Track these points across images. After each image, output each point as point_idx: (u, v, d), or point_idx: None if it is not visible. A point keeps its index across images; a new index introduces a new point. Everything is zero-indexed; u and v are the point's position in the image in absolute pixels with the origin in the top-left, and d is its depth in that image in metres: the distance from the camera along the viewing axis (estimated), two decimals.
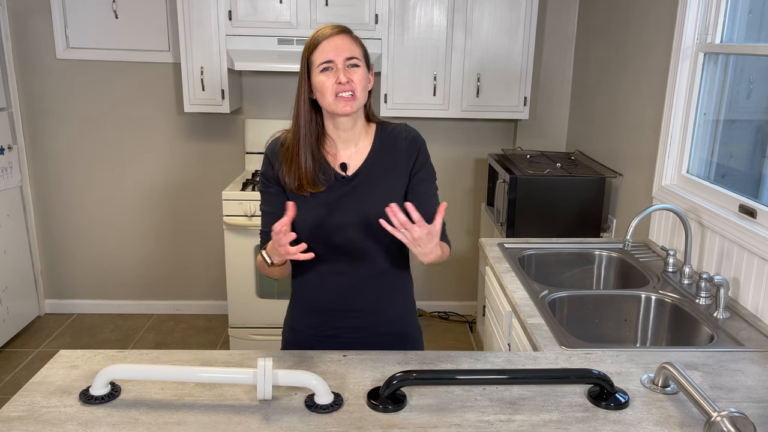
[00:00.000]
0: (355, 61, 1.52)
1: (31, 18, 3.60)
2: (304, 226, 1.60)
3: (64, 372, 1.42)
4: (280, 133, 1.64)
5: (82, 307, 4.05)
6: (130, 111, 3.76)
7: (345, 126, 1.58)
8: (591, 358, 1.53)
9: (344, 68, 1.51)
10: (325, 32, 1.53)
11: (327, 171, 1.58)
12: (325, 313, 1.66)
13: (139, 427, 1.22)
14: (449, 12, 3.34)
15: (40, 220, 3.91)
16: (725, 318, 1.80)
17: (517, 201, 2.90)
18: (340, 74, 1.50)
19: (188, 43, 3.32)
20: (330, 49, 1.51)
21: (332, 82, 1.50)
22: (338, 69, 1.50)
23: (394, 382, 1.29)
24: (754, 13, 2.09)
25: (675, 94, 2.36)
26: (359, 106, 1.55)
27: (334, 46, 1.51)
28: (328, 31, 1.53)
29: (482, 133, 3.84)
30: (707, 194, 2.18)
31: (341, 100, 1.50)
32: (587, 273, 2.43)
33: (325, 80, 1.50)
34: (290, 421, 1.25)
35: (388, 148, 1.62)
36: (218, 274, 3.99)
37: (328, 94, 1.51)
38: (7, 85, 3.59)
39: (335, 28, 1.54)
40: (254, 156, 3.76)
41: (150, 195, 3.89)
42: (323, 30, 1.54)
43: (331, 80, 1.50)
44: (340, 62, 1.50)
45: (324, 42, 1.51)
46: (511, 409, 1.30)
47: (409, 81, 3.41)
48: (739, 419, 1.12)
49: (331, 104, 1.51)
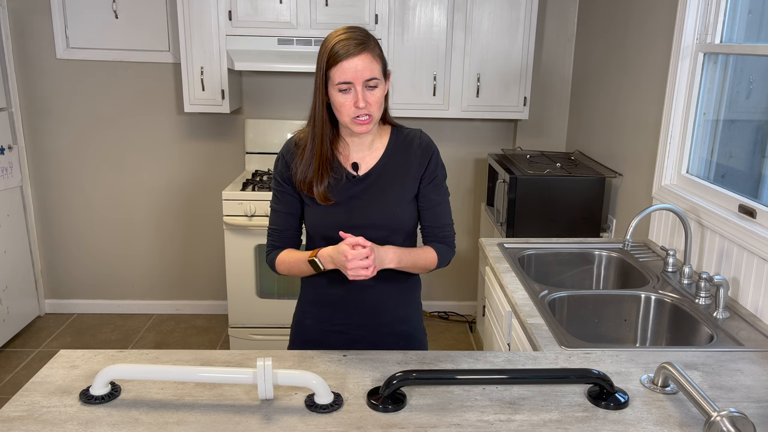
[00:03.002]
0: (374, 83, 1.50)
1: (31, 18, 3.60)
2: (315, 225, 1.61)
3: (64, 372, 1.42)
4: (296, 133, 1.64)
5: (82, 307, 4.05)
6: (130, 111, 3.76)
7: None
8: (591, 358, 1.53)
9: (363, 90, 1.48)
10: (347, 49, 1.46)
11: (338, 171, 1.58)
12: (334, 308, 1.67)
13: (139, 427, 1.22)
14: (449, 12, 3.34)
15: (40, 220, 3.91)
16: (725, 318, 1.80)
17: (517, 201, 2.90)
18: (359, 99, 1.48)
19: (188, 43, 3.32)
20: (350, 69, 1.46)
21: (350, 103, 1.49)
22: (357, 92, 1.48)
23: (394, 382, 1.29)
24: (753, 13, 2.09)
25: (675, 94, 2.36)
26: (375, 123, 1.55)
27: (354, 68, 1.46)
28: (350, 47, 1.46)
29: (482, 133, 3.84)
30: (707, 194, 2.18)
31: (357, 122, 1.51)
32: (587, 273, 2.43)
33: (344, 101, 1.49)
34: (290, 421, 1.25)
35: (401, 152, 1.62)
36: (218, 274, 4.00)
37: (344, 115, 1.51)
38: (7, 85, 3.59)
39: (358, 45, 1.47)
40: (254, 156, 3.76)
41: (150, 195, 3.89)
42: (344, 44, 1.47)
43: (350, 102, 1.49)
44: (359, 84, 1.48)
45: (345, 62, 1.46)
46: (511, 408, 1.30)
47: (409, 81, 3.41)
48: (739, 419, 1.12)
49: (348, 124, 1.52)
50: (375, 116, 1.53)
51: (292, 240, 1.67)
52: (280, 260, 1.64)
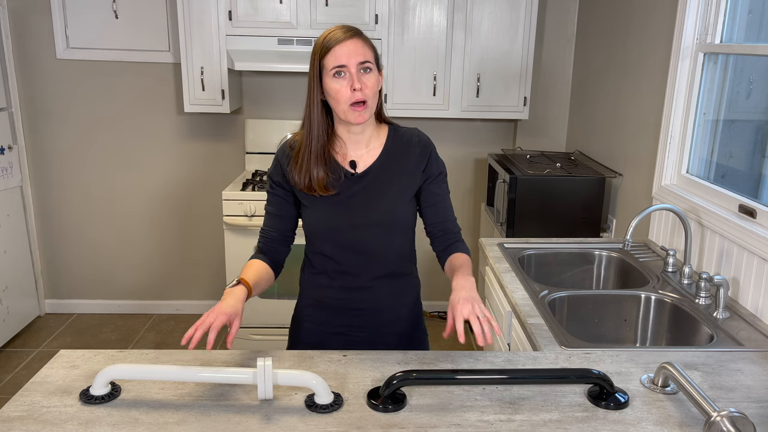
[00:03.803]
0: (368, 65, 1.50)
1: (31, 18, 3.60)
2: (314, 225, 1.61)
3: (64, 372, 1.42)
4: (291, 134, 1.64)
5: (82, 307, 4.05)
6: (130, 111, 3.76)
7: (356, 129, 1.58)
8: (591, 358, 1.53)
9: (357, 73, 1.48)
10: (337, 36, 1.49)
11: (336, 170, 1.58)
12: (334, 310, 1.67)
13: (139, 427, 1.22)
14: (449, 12, 3.34)
15: (40, 220, 3.91)
16: (725, 318, 1.80)
17: (516, 201, 2.90)
18: (354, 81, 1.47)
19: (188, 43, 3.32)
20: (343, 53, 1.47)
21: (346, 88, 1.48)
22: (351, 74, 1.48)
23: (394, 382, 1.29)
24: (753, 13, 2.09)
25: (675, 94, 2.36)
26: (371, 113, 1.55)
27: (347, 51, 1.47)
28: (340, 34, 1.49)
29: (482, 133, 3.84)
30: (707, 194, 2.18)
31: (354, 110, 1.49)
32: (587, 273, 2.43)
33: (339, 87, 1.48)
34: (290, 421, 1.25)
35: (399, 150, 1.62)
36: (218, 274, 3.99)
37: (342, 102, 1.49)
38: (7, 85, 3.59)
39: (347, 32, 1.50)
40: (254, 156, 3.76)
41: (150, 195, 3.89)
42: (335, 33, 1.50)
43: (345, 86, 1.48)
44: (353, 67, 1.48)
45: (337, 46, 1.47)
46: (511, 408, 1.30)
47: (409, 81, 3.41)
48: (739, 419, 1.12)
49: (345, 112, 1.51)
50: (370, 104, 1.51)
51: (277, 242, 1.66)
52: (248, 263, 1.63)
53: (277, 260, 1.67)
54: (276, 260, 1.66)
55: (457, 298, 1.40)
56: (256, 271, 1.58)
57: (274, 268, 1.66)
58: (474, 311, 1.35)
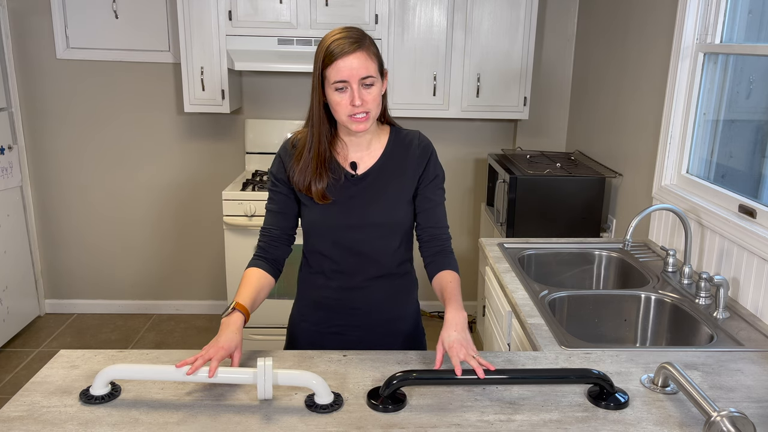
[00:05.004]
0: (370, 81, 1.49)
1: (31, 18, 3.60)
2: (313, 225, 1.61)
3: (64, 372, 1.42)
4: (294, 134, 1.64)
5: (82, 307, 4.05)
6: (130, 111, 3.76)
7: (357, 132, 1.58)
8: (591, 358, 1.53)
9: (359, 89, 1.47)
10: (342, 47, 1.46)
11: (337, 171, 1.58)
12: (330, 310, 1.67)
13: (139, 427, 1.22)
14: (449, 12, 3.34)
15: (40, 220, 3.91)
16: (725, 318, 1.80)
17: (517, 201, 2.90)
18: (355, 97, 1.47)
19: (188, 43, 3.32)
20: (345, 68, 1.45)
21: (347, 101, 1.48)
22: (353, 90, 1.47)
23: (394, 382, 1.29)
24: (753, 13, 2.09)
25: (675, 94, 2.36)
26: (372, 122, 1.54)
27: (349, 67, 1.45)
28: (345, 46, 1.46)
29: (482, 133, 3.84)
30: (707, 194, 2.18)
31: (354, 120, 1.50)
32: (587, 273, 2.43)
33: (340, 100, 1.48)
34: (290, 421, 1.25)
35: (400, 152, 1.62)
36: (218, 274, 4.00)
37: (341, 114, 1.50)
38: (7, 85, 3.59)
39: (353, 43, 1.47)
40: (254, 156, 3.76)
41: (150, 195, 3.89)
42: (339, 43, 1.46)
43: (346, 100, 1.48)
44: (355, 83, 1.47)
45: (340, 60, 1.45)
46: (511, 408, 1.30)
47: (409, 81, 3.41)
48: (739, 419, 1.12)
49: (345, 122, 1.51)
50: (372, 113, 1.52)
51: (279, 241, 1.64)
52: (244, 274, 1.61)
53: (277, 261, 1.65)
54: (277, 261, 1.64)
55: (450, 341, 1.38)
56: (253, 287, 1.55)
57: (274, 272, 1.63)
58: (469, 354, 1.35)
